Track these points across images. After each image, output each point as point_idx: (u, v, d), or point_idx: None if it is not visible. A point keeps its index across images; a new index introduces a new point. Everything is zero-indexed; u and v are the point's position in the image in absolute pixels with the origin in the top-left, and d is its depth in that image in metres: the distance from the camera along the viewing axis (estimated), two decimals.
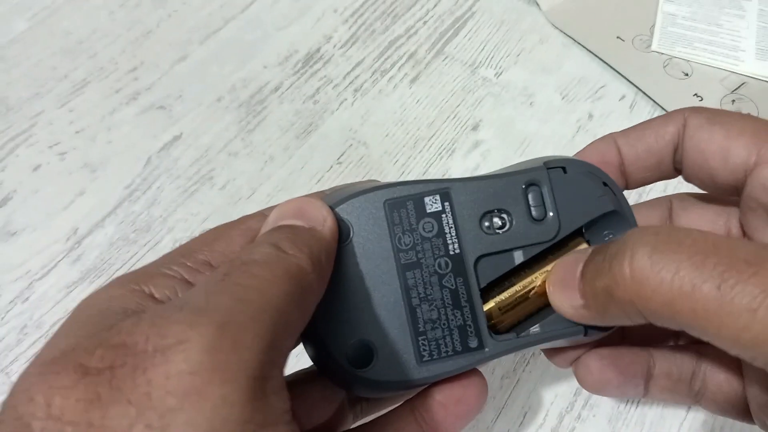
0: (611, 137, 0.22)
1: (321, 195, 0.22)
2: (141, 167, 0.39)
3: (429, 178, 0.23)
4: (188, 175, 0.38)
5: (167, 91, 0.42)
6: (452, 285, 0.21)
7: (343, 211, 0.20)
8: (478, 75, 0.43)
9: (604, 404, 0.31)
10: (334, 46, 0.44)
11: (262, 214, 0.20)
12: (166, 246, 0.36)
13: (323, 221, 0.19)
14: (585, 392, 0.32)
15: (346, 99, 0.42)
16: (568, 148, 0.40)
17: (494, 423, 0.31)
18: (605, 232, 0.22)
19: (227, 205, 0.37)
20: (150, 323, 0.14)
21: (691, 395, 0.22)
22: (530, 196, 0.21)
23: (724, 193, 0.21)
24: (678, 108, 0.22)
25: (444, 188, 0.21)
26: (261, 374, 0.14)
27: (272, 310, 0.15)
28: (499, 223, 0.21)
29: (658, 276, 0.16)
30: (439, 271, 0.21)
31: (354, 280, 0.20)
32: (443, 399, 0.21)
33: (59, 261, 0.35)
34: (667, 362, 0.22)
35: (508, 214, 0.21)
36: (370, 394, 0.23)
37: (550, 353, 0.23)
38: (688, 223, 0.23)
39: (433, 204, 0.21)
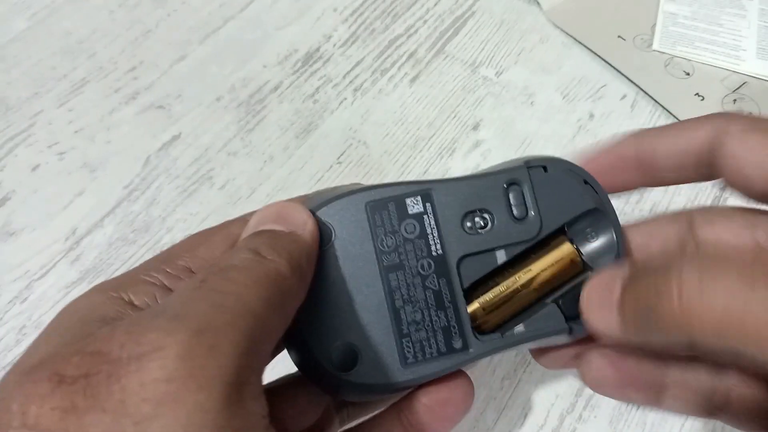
0: (638, 134, 0.22)
1: (302, 199, 0.22)
2: (140, 167, 0.39)
3: (412, 179, 0.23)
4: (187, 174, 0.38)
5: (166, 90, 0.42)
6: (435, 286, 0.21)
7: (324, 214, 0.20)
8: (478, 74, 0.43)
9: (605, 405, 0.31)
10: (334, 46, 0.44)
11: (244, 219, 0.20)
12: (166, 246, 0.36)
13: (303, 225, 0.19)
14: (586, 393, 0.31)
15: (346, 98, 0.42)
16: (568, 148, 0.40)
17: (495, 424, 0.31)
18: (588, 230, 0.22)
19: (226, 204, 0.37)
20: (125, 331, 0.14)
21: (710, 408, 0.21)
22: (511, 196, 0.21)
23: (764, 201, 0.21)
24: (714, 112, 0.21)
25: (425, 189, 0.21)
26: (237, 380, 0.14)
27: (249, 315, 0.15)
28: (481, 222, 0.21)
29: (709, 300, 0.15)
30: (422, 272, 0.21)
31: (336, 283, 0.20)
32: (429, 401, 0.20)
33: (58, 261, 0.35)
34: (682, 372, 0.21)
35: (490, 213, 0.21)
36: (356, 398, 0.22)
37: (538, 354, 0.23)
38: (714, 237, 0.22)
39: (414, 205, 0.21)
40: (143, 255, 0.35)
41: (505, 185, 0.21)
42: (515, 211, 0.21)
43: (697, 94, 0.42)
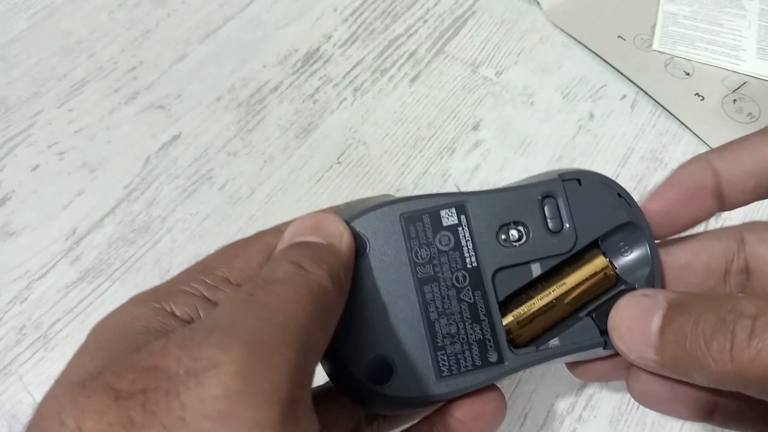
0: (705, 158, 0.21)
1: (336, 210, 0.22)
2: (140, 167, 0.39)
3: (447, 191, 0.23)
4: (187, 174, 0.38)
5: (166, 90, 0.42)
6: (470, 299, 0.20)
7: (359, 225, 0.20)
8: (478, 74, 0.43)
9: (605, 405, 0.31)
10: (334, 46, 0.44)
11: (278, 230, 0.20)
12: (166, 246, 0.36)
13: (340, 237, 0.19)
14: (586, 393, 0.31)
15: (345, 98, 0.42)
16: (568, 148, 0.40)
17: None
18: (621, 244, 0.22)
19: (226, 204, 0.37)
20: (181, 345, 0.14)
21: (766, 421, 0.20)
22: (546, 208, 0.21)
23: None
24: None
25: (460, 201, 0.21)
26: (292, 397, 0.14)
27: (299, 330, 0.15)
28: (516, 235, 0.21)
29: (761, 356, 0.15)
30: (457, 284, 0.20)
31: (371, 295, 0.20)
32: (462, 415, 0.20)
33: (58, 261, 0.35)
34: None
35: (525, 226, 0.21)
36: (389, 412, 0.22)
37: (574, 368, 0.23)
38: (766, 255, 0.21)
39: (449, 217, 0.21)
40: (143, 255, 0.35)
41: (540, 198, 0.21)
42: (550, 224, 0.21)
43: (697, 94, 0.42)
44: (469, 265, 0.20)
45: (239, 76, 0.43)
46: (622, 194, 0.22)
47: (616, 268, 0.22)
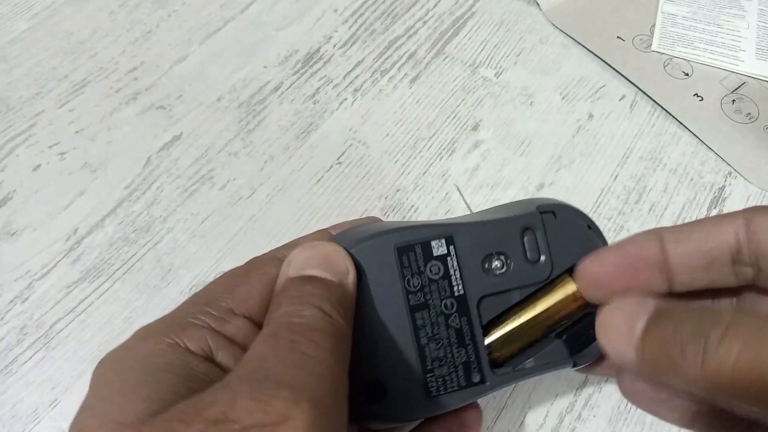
0: (656, 232, 0.21)
1: (327, 234, 0.23)
2: (141, 167, 0.39)
3: (433, 220, 0.24)
4: (188, 174, 0.38)
5: (167, 91, 0.42)
6: (457, 324, 0.22)
7: (355, 254, 0.21)
8: (478, 75, 0.43)
9: (605, 404, 0.31)
10: (334, 46, 0.44)
11: (276, 258, 0.21)
12: (167, 245, 0.36)
13: (347, 273, 0.20)
14: (585, 392, 0.32)
15: (346, 99, 0.42)
16: (567, 148, 0.40)
17: (495, 423, 0.31)
18: None
19: (227, 205, 0.37)
20: (250, 397, 0.14)
21: (747, 425, 0.20)
22: (526, 240, 0.23)
23: None
24: (737, 210, 0.20)
25: (449, 233, 0.22)
26: None
27: (339, 380, 0.16)
28: (499, 265, 0.23)
29: (727, 363, 0.15)
30: (446, 311, 0.22)
31: (367, 322, 0.21)
32: (446, 428, 0.22)
33: (59, 261, 0.35)
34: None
35: (507, 256, 0.23)
36: (381, 427, 0.24)
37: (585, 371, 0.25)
38: None
39: (439, 248, 0.22)
40: (144, 255, 0.35)
41: (520, 230, 0.23)
42: (529, 255, 0.23)
43: (696, 94, 0.42)
44: (456, 293, 0.22)
45: (240, 76, 0.43)
46: (591, 226, 0.24)
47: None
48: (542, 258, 0.23)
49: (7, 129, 0.40)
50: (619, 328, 0.19)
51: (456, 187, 0.38)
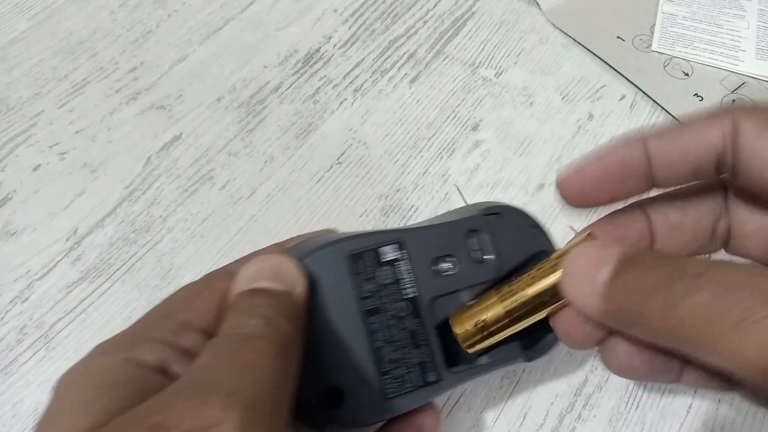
0: (640, 139, 0.20)
1: (281, 247, 0.23)
2: (141, 167, 0.39)
3: (388, 228, 0.25)
4: (188, 174, 0.38)
5: (167, 91, 0.42)
6: (411, 326, 0.22)
7: (308, 264, 0.22)
8: (478, 75, 0.43)
9: (604, 404, 0.31)
10: (334, 46, 0.44)
11: (229, 272, 0.21)
12: (167, 245, 0.36)
13: (297, 282, 0.20)
14: (585, 392, 0.32)
15: (346, 99, 0.42)
16: (567, 148, 0.40)
17: (494, 423, 0.31)
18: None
19: (227, 205, 0.37)
20: (184, 405, 0.15)
21: (726, 385, 0.20)
22: (472, 241, 0.24)
23: None
24: (720, 109, 0.19)
25: (398, 238, 0.23)
26: None
27: (279, 385, 0.17)
28: (448, 266, 0.23)
29: (691, 314, 0.15)
30: (399, 314, 0.22)
31: (321, 329, 0.22)
32: (405, 428, 0.23)
33: (59, 261, 0.35)
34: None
35: (455, 258, 0.23)
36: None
37: (561, 335, 0.23)
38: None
39: (389, 253, 0.23)
40: (144, 255, 0.35)
41: (466, 232, 0.23)
42: (476, 255, 0.24)
43: (696, 94, 0.42)
44: (408, 296, 0.23)
45: (240, 76, 0.43)
46: (536, 225, 0.24)
47: None
48: (489, 258, 0.24)
49: (7, 129, 0.40)
50: (583, 276, 0.19)
51: (456, 187, 0.38)
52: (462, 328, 0.23)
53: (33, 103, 0.41)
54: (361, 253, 0.22)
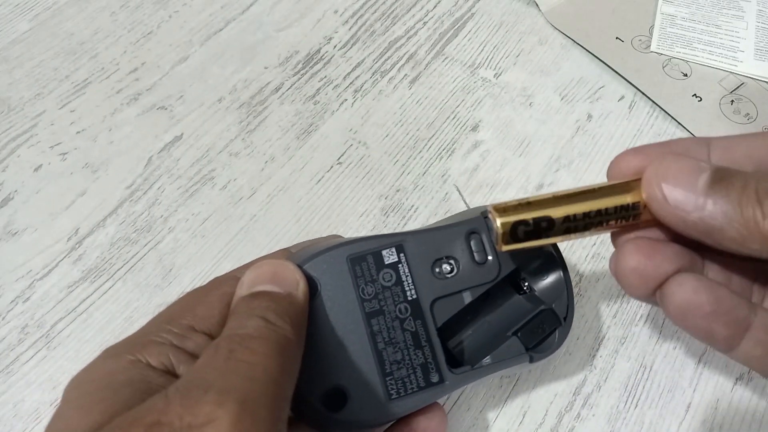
0: (704, 138, 0.21)
1: (285, 252, 0.24)
2: (142, 167, 0.39)
3: (388, 232, 0.25)
4: (189, 175, 0.39)
5: (168, 91, 0.42)
6: (413, 327, 0.23)
7: (310, 268, 0.22)
8: (477, 76, 0.43)
9: (604, 404, 0.31)
10: (335, 47, 0.45)
11: (234, 278, 0.22)
12: (168, 245, 0.36)
13: (296, 285, 0.21)
14: (584, 392, 0.32)
15: (346, 99, 0.42)
16: (566, 149, 0.40)
17: (494, 422, 0.31)
18: (538, 270, 0.25)
19: (228, 205, 0.38)
20: (181, 403, 0.15)
21: None
22: (472, 243, 0.24)
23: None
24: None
25: (398, 241, 0.23)
26: None
27: (274, 383, 0.17)
28: (448, 268, 0.24)
29: None
30: (400, 316, 0.23)
31: (324, 331, 0.22)
32: (410, 430, 0.23)
33: (60, 261, 0.35)
34: None
35: (455, 260, 0.24)
36: None
37: (621, 277, 0.22)
38: None
39: (390, 256, 0.23)
40: (145, 254, 0.35)
41: (466, 234, 0.24)
42: (476, 257, 0.24)
43: (694, 95, 0.42)
44: (409, 298, 0.23)
45: (240, 77, 0.43)
46: None
47: (535, 290, 0.25)
48: (489, 259, 0.24)
49: (8, 129, 0.40)
50: (679, 181, 0.18)
51: (456, 187, 0.38)
52: (507, 220, 0.21)
53: (34, 104, 0.41)
54: (363, 256, 0.23)
